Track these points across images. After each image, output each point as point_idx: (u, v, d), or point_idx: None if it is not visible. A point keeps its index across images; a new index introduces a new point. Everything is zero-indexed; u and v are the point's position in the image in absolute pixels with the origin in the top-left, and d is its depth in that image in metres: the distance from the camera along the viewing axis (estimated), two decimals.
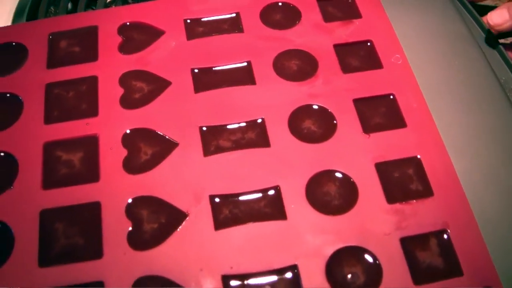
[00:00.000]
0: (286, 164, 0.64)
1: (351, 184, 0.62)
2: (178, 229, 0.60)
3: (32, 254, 0.60)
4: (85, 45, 0.75)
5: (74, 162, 0.66)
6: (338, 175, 0.63)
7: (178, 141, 0.66)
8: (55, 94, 0.71)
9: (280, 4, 0.78)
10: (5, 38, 0.76)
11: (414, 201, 0.61)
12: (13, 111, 0.70)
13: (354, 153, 0.65)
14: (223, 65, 0.72)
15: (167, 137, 0.66)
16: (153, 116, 0.68)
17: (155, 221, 0.61)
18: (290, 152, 0.65)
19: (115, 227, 0.61)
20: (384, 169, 0.63)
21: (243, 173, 0.64)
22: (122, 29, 0.76)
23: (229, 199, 0.62)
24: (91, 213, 0.62)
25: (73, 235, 0.61)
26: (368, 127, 0.66)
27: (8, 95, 0.70)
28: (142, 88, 0.71)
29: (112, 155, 0.65)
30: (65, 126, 0.68)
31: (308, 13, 0.77)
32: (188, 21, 0.76)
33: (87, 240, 0.60)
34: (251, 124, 0.67)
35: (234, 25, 0.76)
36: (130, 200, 0.62)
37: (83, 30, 0.76)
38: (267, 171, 0.64)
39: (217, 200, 0.62)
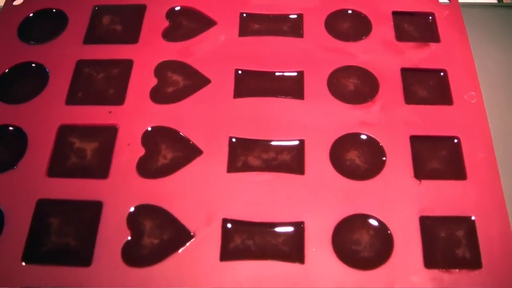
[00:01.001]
0: (317, 198, 0.55)
1: (387, 236, 0.53)
2: (180, 251, 0.53)
3: (17, 247, 0.54)
4: (129, 24, 0.68)
5: (86, 152, 0.59)
6: (374, 222, 0.54)
7: (203, 149, 0.58)
8: (84, 74, 0.65)
9: (349, 12, 0.69)
10: (47, 3, 0.69)
11: (457, 270, 0.52)
12: (36, 84, 0.64)
13: (398, 199, 0.55)
14: (272, 71, 0.63)
15: (191, 142, 0.58)
16: (181, 115, 0.60)
17: (157, 236, 0.54)
18: (325, 185, 0.56)
19: (112, 234, 0.54)
20: (429, 225, 0.54)
21: (267, 200, 0.55)
22: (171, 13, 0.69)
23: (244, 227, 0.54)
24: (90, 213, 0.55)
25: (66, 234, 0.55)
26: (421, 172, 0.57)
27: (33, 65, 0.64)
28: (177, 82, 0.63)
29: (128, 152, 0.58)
30: (86, 110, 0.62)
31: (380, 27, 0.67)
32: (244, 15, 0.68)
33: (79, 243, 0.54)
34: (288, 145, 0.58)
35: (294, 28, 0.67)
36: (134, 207, 0.55)
37: (130, 8, 0.69)
38: (294, 203, 0.55)
39: (229, 225, 0.54)
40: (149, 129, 0.60)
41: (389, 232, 0.53)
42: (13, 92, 0.64)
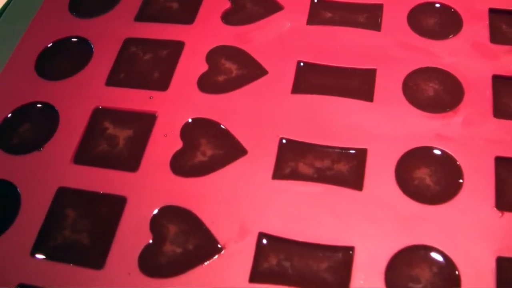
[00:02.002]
0: (374, 221, 0.46)
1: (453, 277, 0.44)
2: (205, 264, 0.45)
3: (29, 237, 0.48)
4: (186, 2, 0.61)
5: (118, 140, 0.53)
6: (439, 257, 0.44)
7: (248, 149, 0.50)
8: (130, 53, 0.58)
9: (437, 5, 0.59)
10: None
11: None
12: (78, 60, 0.58)
13: (473, 233, 0.45)
14: (339, 66, 0.54)
15: (236, 139, 0.51)
16: (229, 108, 0.53)
17: (181, 244, 0.47)
18: (385, 206, 0.47)
19: (132, 236, 0.47)
20: (508, 269, 0.43)
21: (313, 216, 0.47)
22: None
23: (283, 245, 0.46)
24: (111, 209, 0.49)
25: (80, 230, 0.48)
26: (504, 202, 0.46)
27: (76, 39, 0.58)
28: (230, 70, 0.56)
29: (163, 144, 0.52)
30: (125, 93, 0.56)
31: (472, 26, 0.56)
32: (316, 0, 0.60)
33: (93, 241, 0.48)
34: (347, 153, 0.50)
35: (371, 19, 0.58)
36: (160, 207, 0.48)
37: None
38: (345, 223, 0.47)
39: (265, 241, 0.46)
40: (190, 120, 0.53)
41: (456, 272, 0.43)
42: (53, 67, 0.58)
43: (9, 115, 0.56)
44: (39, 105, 0.56)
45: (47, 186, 0.51)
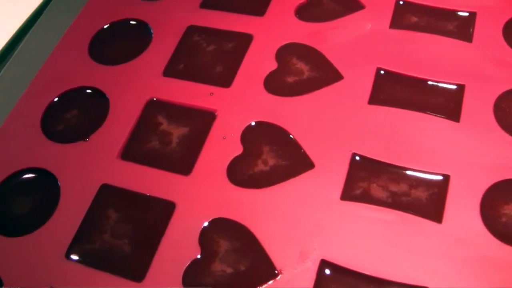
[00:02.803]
0: (453, 261, 0.41)
1: None
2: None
3: (64, 236, 0.43)
4: None
5: (171, 138, 0.48)
6: None
7: (316, 162, 0.45)
8: (192, 42, 0.53)
9: None
10: None
11: None
12: (135, 46, 0.53)
13: None
14: (423, 78, 0.48)
15: (303, 150, 0.45)
16: (297, 114, 0.48)
17: (232, 264, 0.41)
18: (467, 245, 0.41)
19: (178, 248, 0.42)
20: None
21: (384, 248, 0.41)
22: None
23: (347, 278, 0.41)
24: (157, 215, 0.44)
25: (122, 235, 0.43)
26: None
27: (134, 22, 0.53)
28: (301, 71, 0.50)
29: (221, 147, 0.46)
30: (184, 86, 0.51)
31: None
32: (401, 2, 0.53)
33: (134, 250, 0.42)
34: (427, 178, 0.44)
35: (461, 28, 0.52)
36: (212, 220, 0.42)
37: None
38: (420, 260, 0.41)
39: (328, 271, 0.40)
40: (253, 123, 0.47)
41: None
42: (107, 50, 0.54)
43: (56, 98, 0.51)
44: (89, 91, 0.51)
45: (90, 182, 0.46)
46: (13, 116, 0.51)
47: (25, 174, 0.48)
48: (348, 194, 0.44)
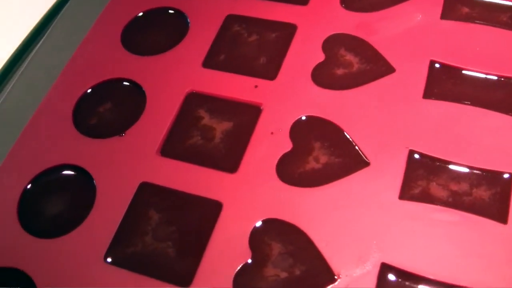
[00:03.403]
0: None
1: None
2: None
3: (103, 238, 0.40)
4: None
5: (214, 133, 0.44)
6: None
7: (371, 160, 0.41)
8: (232, 32, 0.50)
9: None
10: None
11: None
12: (171, 35, 0.50)
13: None
14: (480, 71, 0.45)
15: (357, 147, 0.42)
16: (349, 108, 0.44)
17: (286, 268, 0.38)
18: None
19: (227, 251, 0.39)
20: None
21: (447, 250, 0.38)
22: None
23: (411, 283, 0.38)
24: (203, 216, 0.41)
25: (165, 238, 0.40)
26: None
27: (171, 11, 0.50)
28: (350, 63, 0.47)
29: (269, 143, 0.43)
30: (225, 78, 0.47)
31: None
32: None
33: (179, 254, 0.39)
34: (489, 177, 0.41)
35: None
36: (263, 221, 0.39)
37: None
38: (485, 262, 0.37)
39: (390, 276, 0.37)
40: (304, 118, 0.44)
41: None
42: (141, 40, 0.50)
43: (88, 91, 0.48)
44: (123, 83, 0.48)
45: (128, 180, 0.43)
46: (42, 110, 0.48)
47: (57, 172, 0.44)
48: (406, 194, 0.41)
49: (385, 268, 0.38)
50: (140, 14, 0.52)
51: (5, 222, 0.42)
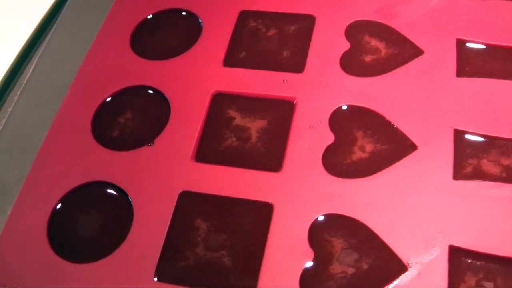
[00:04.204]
0: None
1: None
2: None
3: (149, 256, 0.37)
4: None
5: (250, 132, 0.42)
6: None
7: (418, 143, 0.39)
8: (249, 28, 0.48)
9: None
10: None
11: None
12: (183, 36, 0.48)
13: None
14: (505, 46, 0.44)
15: (401, 132, 0.40)
16: (385, 94, 0.43)
17: (353, 263, 0.37)
18: None
19: (286, 254, 0.37)
20: None
21: (507, 225, 0.36)
22: None
23: (481, 262, 0.36)
24: (255, 220, 0.39)
25: (217, 246, 0.37)
26: None
27: (179, 11, 0.48)
28: (377, 49, 0.45)
29: (310, 137, 0.41)
30: (251, 75, 0.45)
31: None
32: None
33: (236, 262, 0.37)
34: None
35: None
36: (319, 217, 0.37)
37: None
38: None
39: (460, 258, 0.36)
40: (341, 108, 0.42)
41: None
42: (154, 45, 0.47)
43: (107, 100, 0.45)
44: (143, 90, 0.45)
45: (166, 191, 0.40)
46: (58, 126, 0.44)
47: (86, 190, 0.41)
48: (459, 173, 0.40)
49: (454, 250, 0.37)
50: (149, 17, 0.50)
51: (36, 248, 0.39)
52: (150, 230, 0.38)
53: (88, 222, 0.40)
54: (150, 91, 0.45)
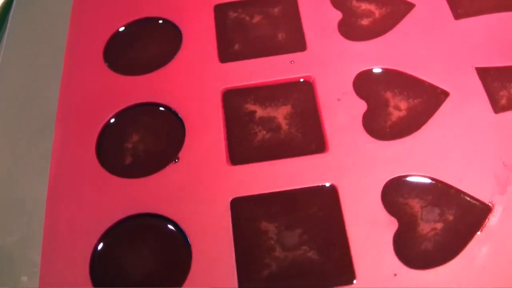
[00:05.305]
0: None
1: None
2: (479, 233, 0.33)
3: (223, 275, 0.33)
4: None
5: (278, 121, 0.39)
6: None
7: (448, 89, 0.39)
8: (232, 19, 0.45)
9: None
10: None
11: None
12: (164, 43, 0.44)
13: None
14: None
15: (428, 82, 0.39)
16: (398, 50, 0.42)
17: (438, 217, 0.35)
18: None
19: (369, 229, 0.34)
20: None
21: None
22: None
23: None
24: (321, 205, 0.35)
25: (297, 244, 0.34)
26: None
27: (160, 21, 0.44)
28: (371, 12, 0.45)
29: (342, 110, 0.40)
30: (253, 65, 0.43)
31: None
32: None
33: (323, 254, 0.34)
34: None
35: None
36: (385, 184, 0.35)
37: None
38: None
39: None
40: (359, 75, 0.40)
41: None
42: (137, 59, 0.44)
43: (109, 123, 0.40)
44: (142, 107, 0.41)
45: (215, 203, 0.37)
46: (60, 169, 0.39)
47: (124, 226, 0.36)
48: (497, 106, 0.40)
49: None
50: (121, 29, 0.45)
51: None
52: (215, 252, 0.34)
53: (138, 260, 0.35)
54: (151, 107, 0.41)
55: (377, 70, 0.41)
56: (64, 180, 0.38)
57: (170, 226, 0.36)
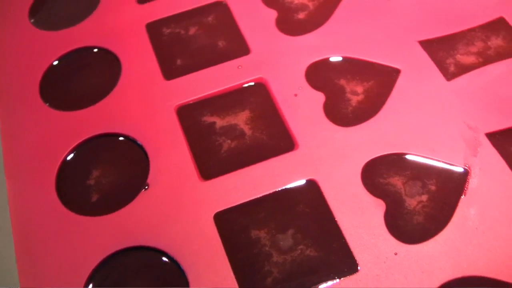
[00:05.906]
0: None
1: None
2: (464, 196, 0.33)
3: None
4: None
5: (240, 127, 0.38)
6: None
7: (398, 67, 0.39)
8: (167, 36, 0.43)
9: None
10: None
11: None
12: (103, 70, 0.42)
13: None
14: None
15: (379, 63, 0.40)
16: (343, 37, 0.42)
17: (420, 190, 0.35)
18: None
19: (361, 215, 0.34)
20: None
21: None
22: None
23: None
24: (307, 202, 0.36)
25: (292, 246, 0.34)
26: None
27: (95, 49, 0.43)
28: (304, 5, 0.45)
29: (298, 105, 0.40)
30: (200, 77, 0.42)
31: None
32: None
33: (322, 249, 0.34)
34: (489, 28, 0.42)
35: None
36: (363, 167, 0.35)
37: None
38: None
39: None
40: (308, 68, 0.40)
41: None
42: (75, 92, 0.42)
43: (68, 158, 0.38)
44: (94, 141, 0.39)
45: (198, 221, 0.35)
46: (18, 214, 0.36)
47: (104, 267, 0.34)
48: (448, 74, 0.41)
49: (491, 136, 0.37)
50: (55, 62, 0.43)
51: None
52: (211, 274, 0.33)
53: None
54: (106, 138, 0.39)
55: (325, 60, 0.41)
56: (30, 233, 0.36)
57: (158, 255, 0.34)
